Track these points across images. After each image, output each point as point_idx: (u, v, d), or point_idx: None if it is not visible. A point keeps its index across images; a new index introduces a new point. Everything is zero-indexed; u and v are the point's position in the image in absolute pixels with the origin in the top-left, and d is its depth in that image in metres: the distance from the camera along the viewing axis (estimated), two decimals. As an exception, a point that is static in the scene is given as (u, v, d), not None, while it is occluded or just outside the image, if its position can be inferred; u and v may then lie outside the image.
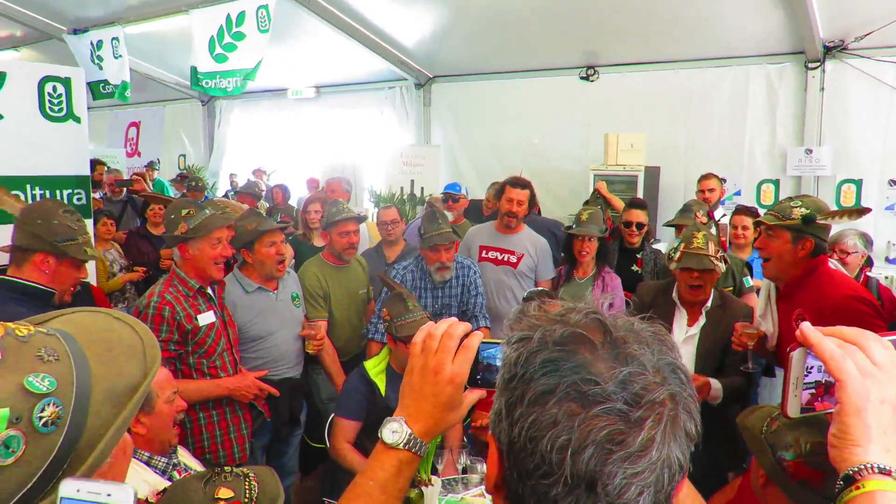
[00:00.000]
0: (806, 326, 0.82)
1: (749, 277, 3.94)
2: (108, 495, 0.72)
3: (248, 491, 1.57)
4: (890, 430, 0.76)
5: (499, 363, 0.99)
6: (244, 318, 3.18)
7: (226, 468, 1.66)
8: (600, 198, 5.64)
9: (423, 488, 2.40)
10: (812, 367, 0.85)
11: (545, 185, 7.44)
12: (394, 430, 0.93)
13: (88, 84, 5.63)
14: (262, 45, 6.19)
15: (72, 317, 0.91)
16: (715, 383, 2.82)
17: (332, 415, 3.20)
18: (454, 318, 0.98)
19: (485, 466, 2.74)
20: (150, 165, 8.82)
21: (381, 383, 3.11)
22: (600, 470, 0.60)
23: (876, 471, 0.74)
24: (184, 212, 2.90)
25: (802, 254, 2.60)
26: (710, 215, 4.08)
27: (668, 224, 4.43)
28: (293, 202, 8.01)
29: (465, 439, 3.33)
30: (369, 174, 8.58)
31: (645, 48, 6.95)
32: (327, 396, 3.63)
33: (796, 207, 2.59)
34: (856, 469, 0.75)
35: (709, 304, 2.99)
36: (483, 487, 2.66)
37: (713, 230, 3.86)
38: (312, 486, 3.87)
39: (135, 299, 5.00)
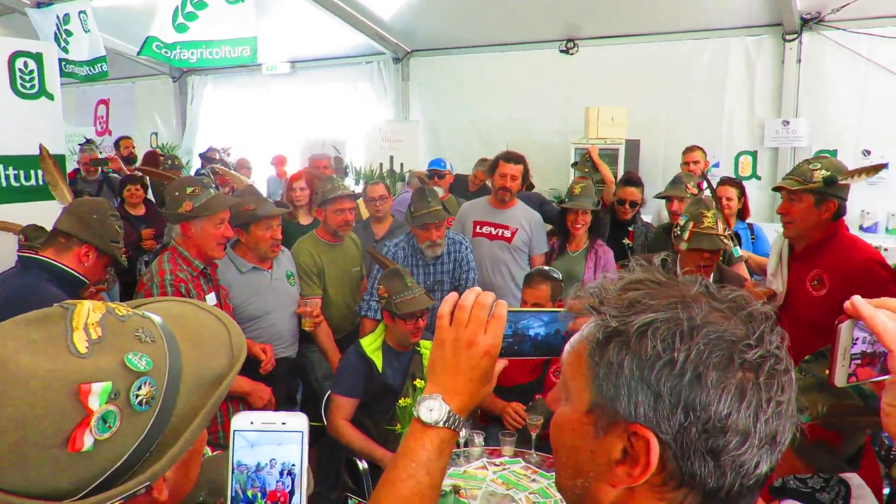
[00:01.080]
0: (857, 300, 0.83)
1: (738, 247, 4.00)
2: (283, 423, 0.78)
3: None
4: None
5: (534, 332, 0.99)
6: (240, 299, 3.15)
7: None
8: (589, 161, 5.65)
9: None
10: (857, 339, 0.87)
11: (527, 159, 7.42)
12: (431, 409, 0.90)
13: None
14: (231, 15, 5.93)
15: (160, 304, 0.91)
16: None
17: (329, 392, 3.19)
18: (479, 289, 0.96)
19: (482, 439, 2.78)
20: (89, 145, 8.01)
21: (377, 360, 3.11)
22: (778, 423, 0.66)
23: None
24: (189, 189, 2.86)
25: (826, 216, 2.62)
26: (699, 186, 4.12)
27: (659, 196, 4.46)
28: (262, 181, 7.91)
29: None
30: (349, 151, 8.48)
31: (624, 21, 6.93)
32: (322, 374, 3.62)
33: (816, 170, 2.60)
34: None
35: (710, 279, 3.02)
36: (485, 459, 2.69)
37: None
38: (310, 463, 3.87)
39: (114, 280, 4.90)
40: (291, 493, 0.76)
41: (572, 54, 7.49)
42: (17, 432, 0.70)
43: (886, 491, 2.17)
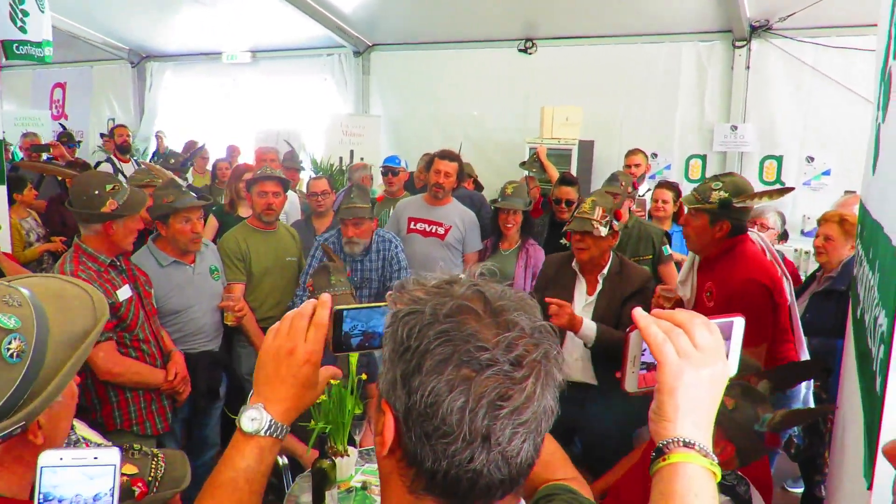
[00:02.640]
0: (637, 311, 0.88)
1: (668, 246, 4.09)
2: (95, 458, 0.82)
3: (153, 470, 1.58)
4: (700, 407, 0.82)
5: (371, 328, 1.04)
6: (160, 292, 3.12)
7: (135, 446, 1.66)
8: (537, 161, 5.71)
9: (339, 459, 2.44)
10: (646, 349, 0.91)
11: (485, 156, 7.47)
12: (253, 418, 0.93)
13: (1, 42, 5.32)
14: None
15: (28, 280, 1.04)
16: (588, 323, 2.87)
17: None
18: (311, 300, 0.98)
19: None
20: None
21: (302, 356, 3.11)
22: (492, 425, 0.69)
23: (681, 444, 0.80)
24: (108, 187, 2.76)
25: (720, 235, 2.73)
26: (634, 186, 4.20)
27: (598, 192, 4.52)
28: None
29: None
30: (309, 143, 8.43)
31: (582, 21, 7.01)
32: (248, 371, 3.62)
33: (716, 190, 2.69)
34: (665, 442, 0.81)
35: (605, 270, 3.07)
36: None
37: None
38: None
39: (50, 268, 4.83)
40: None
41: (531, 54, 7.55)
42: None
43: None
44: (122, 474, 1.51)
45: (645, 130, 6.93)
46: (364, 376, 3.03)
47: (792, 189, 3.25)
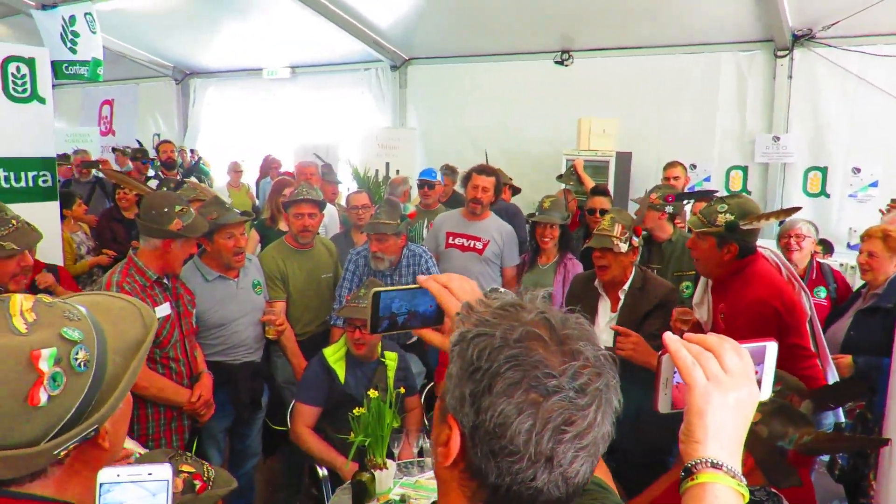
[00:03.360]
0: (668, 336, 0.91)
1: None
2: (150, 474, 0.85)
3: (207, 472, 1.65)
4: (728, 429, 0.85)
5: (423, 308, 1.14)
6: (204, 306, 3.20)
7: (186, 453, 1.74)
8: (574, 174, 5.70)
9: (377, 472, 2.46)
10: (676, 370, 0.93)
11: (519, 168, 7.46)
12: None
13: (52, 63, 5.54)
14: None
15: (78, 297, 1.10)
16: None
17: (294, 400, 3.25)
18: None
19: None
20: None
21: (339, 370, 3.16)
22: (556, 447, 0.73)
23: (709, 465, 0.82)
24: (178, 208, 2.89)
25: (728, 257, 2.69)
26: (666, 199, 4.15)
27: (636, 201, 4.48)
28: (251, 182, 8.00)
29: (425, 422, 3.41)
30: (345, 156, 8.56)
31: (619, 33, 6.98)
32: (284, 380, 3.67)
33: (722, 213, 2.67)
34: (693, 463, 0.84)
35: (626, 286, 3.04)
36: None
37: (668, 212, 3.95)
38: (275, 467, 3.93)
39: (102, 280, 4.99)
40: None
41: (567, 65, 7.54)
42: None
43: None
44: (182, 472, 1.59)
45: (683, 141, 6.85)
46: (402, 390, 3.08)
47: (799, 208, 3.20)
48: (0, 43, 4.52)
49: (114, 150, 7.40)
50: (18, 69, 4.36)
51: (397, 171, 7.87)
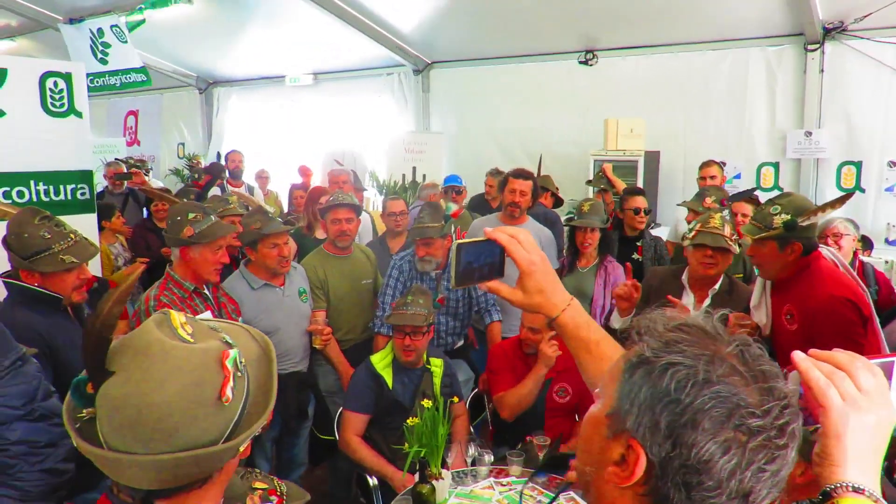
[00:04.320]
0: (797, 355, 0.88)
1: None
2: None
3: (279, 487, 1.65)
4: (867, 453, 0.83)
5: (487, 262, 1.17)
6: (250, 314, 3.22)
7: (256, 469, 1.74)
8: (604, 178, 5.65)
9: (434, 482, 2.45)
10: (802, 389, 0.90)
11: (545, 170, 7.44)
12: None
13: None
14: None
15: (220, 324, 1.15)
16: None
17: (341, 408, 3.25)
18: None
19: (491, 457, 2.82)
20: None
21: (387, 377, 3.16)
22: (755, 486, 0.74)
23: (850, 489, 0.81)
24: (191, 215, 2.94)
25: (792, 257, 2.63)
26: (722, 203, 4.11)
27: (682, 204, 4.41)
28: (284, 191, 7.99)
29: (472, 431, 3.40)
30: (370, 162, 8.57)
31: (644, 32, 6.92)
32: (326, 389, 3.67)
33: (776, 215, 2.61)
34: (832, 487, 0.82)
35: (716, 287, 3.02)
36: (492, 479, 2.72)
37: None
38: (321, 475, 3.93)
39: (139, 292, 5.03)
40: None
41: (591, 65, 7.49)
42: (192, 394, 0.93)
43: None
44: (257, 489, 1.58)
45: (711, 139, 6.78)
46: (455, 399, 3.07)
47: (851, 195, 3.12)
48: (38, 59, 4.58)
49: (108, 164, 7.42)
50: (56, 84, 4.42)
51: (423, 176, 7.87)
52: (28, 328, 2.26)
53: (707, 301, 3.03)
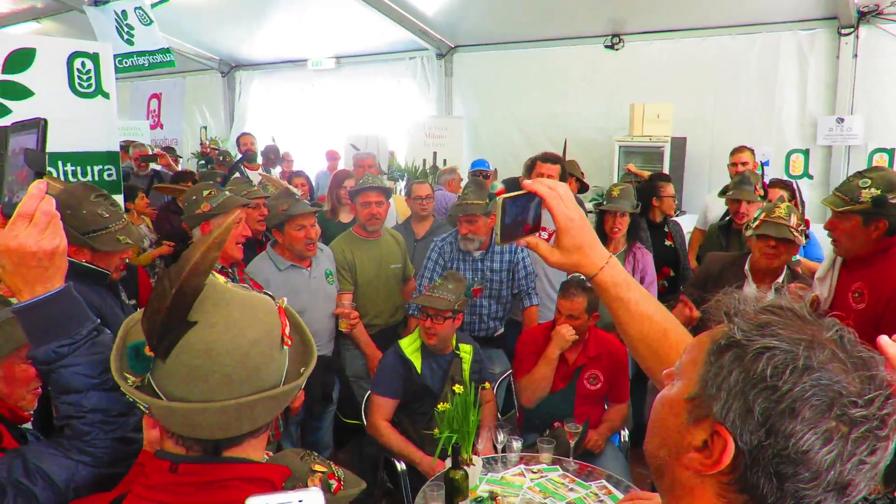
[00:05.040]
0: (884, 340, 0.84)
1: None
2: (300, 501, 0.78)
3: (336, 471, 1.64)
4: None
5: (528, 218, 1.16)
6: (277, 295, 3.20)
7: (313, 452, 1.73)
8: (630, 175, 5.58)
9: (466, 468, 2.44)
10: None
11: (569, 155, 7.36)
12: None
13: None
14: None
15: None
16: None
17: (369, 392, 3.25)
18: None
19: (520, 444, 2.79)
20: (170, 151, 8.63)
21: (416, 361, 3.14)
22: (853, 478, 0.71)
23: None
24: (205, 192, 2.98)
25: (876, 234, 2.51)
26: (764, 186, 4.02)
27: (730, 197, 4.27)
28: (310, 175, 8.00)
29: (499, 416, 3.38)
30: (392, 146, 8.54)
31: (671, 15, 6.79)
32: (353, 374, 3.65)
33: (865, 188, 2.48)
34: None
35: (780, 279, 2.95)
36: (522, 466, 2.70)
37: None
38: (345, 459, 3.94)
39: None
40: None
41: (617, 49, 7.38)
42: (268, 338, 0.99)
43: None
44: (317, 471, 1.58)
45: (740, 125, 6.66)
46: (487, 385, 3.05)
47: None
48: (66, 39, 4.58)
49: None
50: (84, 64, 4.41)
51: (444, 161, 7.82)
52: (85, 300, 2.27)
53: (770, 294, 2.94)
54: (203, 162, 8.84)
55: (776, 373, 0.71)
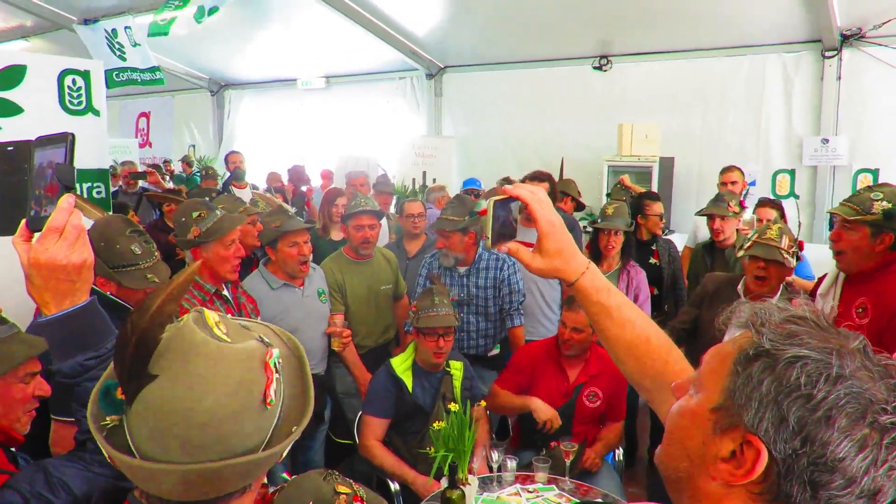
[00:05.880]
0: None
1: None
2: None
3: (358, 491, 1.60)
4: None
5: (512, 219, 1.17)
6: (269, 314, 3.17)
7: (334, 471, 1.69)
8: (623, 189, 5.62)
9: (463, 488, 2.41)
10: None
11: (554, 175, 7.41)
12: None
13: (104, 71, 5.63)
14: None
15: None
16: None
17: (360, 413, 3.21)
18: None
19: (514, 463, 2.77)
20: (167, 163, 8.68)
21: (407, 380, 3.11)
22: (884, 484, 0.72)
23: None
24: (194, 214, 2.82)
25: (880, 248, 2.54)
26: (741, 205, 4.07)
27: (701, 213, 4.36)
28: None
29: (493, 436, 3.35)
30: (383, 166, 8.56)
31: (659, 37, 6.90)
32: (344, 391, 3.62)
33: (877, 201, 2.51)
34: None
35: (774, 299, 2.95)
36: (518, 485, 2.67)
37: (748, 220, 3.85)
38: (337, 480, 3.89)
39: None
40: None
41: (606, 71, 7.47)
42: (240, 399, 0.87)
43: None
44: (341, 493, 1.53)
45: (727, 145, 6.76)
46: (483, 403, 3.02)
47: None
48: (57, 56, 4.56)
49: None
50: (74, 82, 4.38)
51: (434, 180, 7.85)
52: None
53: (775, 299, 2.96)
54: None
55: (810, 381, 0.72)
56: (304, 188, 7.42)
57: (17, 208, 1.11)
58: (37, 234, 1.09)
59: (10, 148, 1.12)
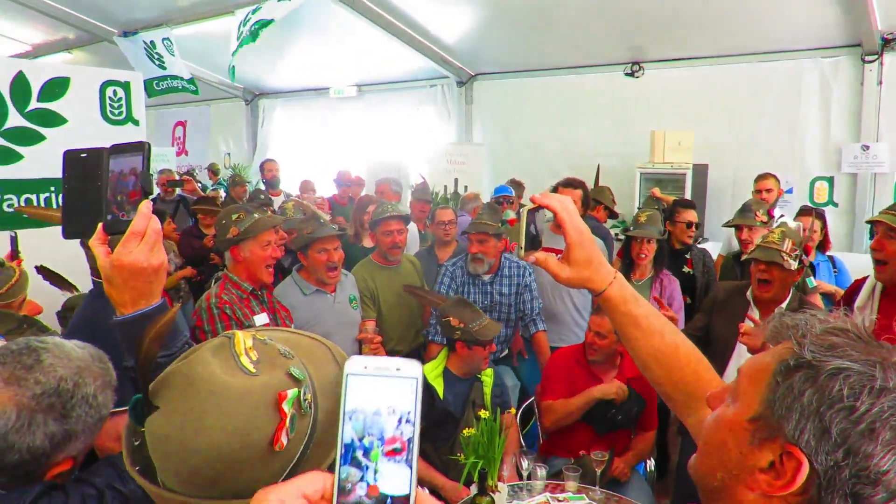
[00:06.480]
0: None
1: (812, 278, 3.84)
2: (398, 369, 0.73)
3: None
4: None
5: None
6: (301, 320, 3.22)
7: None
8: (656, 200, 5.56)
9: (493, 495, 2.40)
10: None
11: (589, 183, 7.37)
12: None
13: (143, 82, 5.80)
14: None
15: (267, 332, 1.00)
16: None
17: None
18: None
19: (545, 472, 2.75)
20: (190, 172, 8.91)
21: (438, 387, 3.13)
22: None
23: None
24: (234, 216, 3.00)
25: None
26: (770, 214, 3.99)
27: (728, 224, 4.32)
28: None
29: (522, 444, 3.34)
30: (414, 173, 8.61)
31: (692, 43, 6.82)
32: None
33: None
34: None
35: (783, 305, 2.90)
36: (548, 494, 2.66)
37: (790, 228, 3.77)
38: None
39: (189, 296, 5.10)
40: (409, 441, 0.70)
41: (637, 77, 7.41)
42: (239, 441, 0.81)
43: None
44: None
45: (763, 152, 6.63)
46: (513, 410, 3.02)
47: None
48: (98, 68, 4.70)
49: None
50: (115, 93, 4.52)
51: (465, 188, 7.86)
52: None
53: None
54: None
55: (853, 393, 0.71)
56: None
57: (91, 213, 1.15)
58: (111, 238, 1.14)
59: (83, 155, 1.17)
